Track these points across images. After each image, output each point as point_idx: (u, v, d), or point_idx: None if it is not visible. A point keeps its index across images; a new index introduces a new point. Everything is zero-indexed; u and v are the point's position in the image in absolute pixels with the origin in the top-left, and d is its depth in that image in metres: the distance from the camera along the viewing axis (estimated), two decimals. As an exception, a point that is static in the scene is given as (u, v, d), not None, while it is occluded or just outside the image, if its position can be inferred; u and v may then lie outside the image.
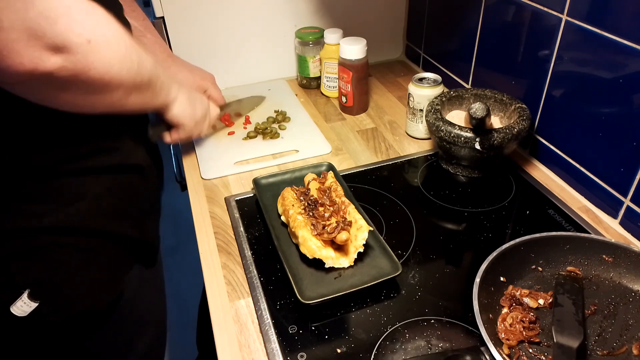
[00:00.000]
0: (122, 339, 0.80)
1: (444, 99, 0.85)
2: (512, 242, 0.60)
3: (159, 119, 0.74)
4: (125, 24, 0.63)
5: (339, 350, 0.54)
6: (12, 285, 0.59)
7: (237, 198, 0.78)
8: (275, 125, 0.96)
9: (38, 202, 0.58)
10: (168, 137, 0.77)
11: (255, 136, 0.93)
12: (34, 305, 0.60)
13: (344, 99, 1.00)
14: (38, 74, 0.44)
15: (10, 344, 0.69)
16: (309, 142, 0.92)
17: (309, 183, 0.73)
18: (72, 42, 0.45)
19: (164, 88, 0.66)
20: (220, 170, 0.85)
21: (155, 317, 0.88)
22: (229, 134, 0.94)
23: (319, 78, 1.10)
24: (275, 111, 1.01)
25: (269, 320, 0.58)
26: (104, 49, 0.48)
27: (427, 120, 0.81)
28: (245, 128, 0.96)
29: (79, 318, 0.67)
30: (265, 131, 0.93)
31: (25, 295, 0.60)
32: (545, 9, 0.74)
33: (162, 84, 0.64)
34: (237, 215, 0.75)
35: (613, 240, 0.61)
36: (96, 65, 0.48)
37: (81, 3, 0.46)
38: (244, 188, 0.81)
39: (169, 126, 0.75)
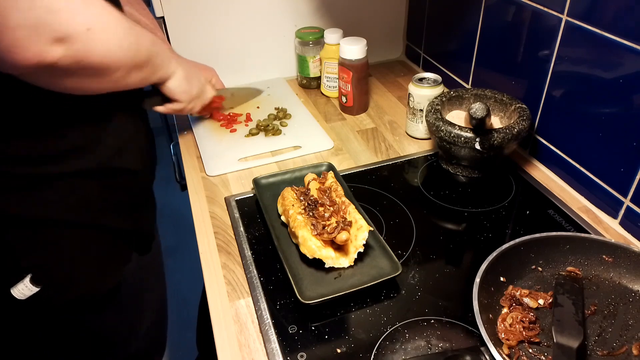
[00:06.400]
0: (125, 323, 0.82)
1: (444, 99, 0.85)
2: (512, 242, 0.60)
3: (155, 90, 0.75)
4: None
5: (339, 350, 0.54)
6: (15, 268, 0.62)
7: (237, 198, 0.78)
8: (277, 122, 0.96)
9: (34, 194, 0.60)
10: (161, 108, 0.78)
11: (257, 133, 0.94)
12: (34, 289, 0.62)
13: (344, 99, 1.00)
14: (43, 65, 0.47)
15: (12, 326, 0.70)
16: (311, 138, 0.92)
17: (309, 183, 0.73)
18: (73, 31, 0.47)
19: (164, 64, 0.68)
20: (224, 167, 0.85)
21: (156, 302, 0.90)
22: (231, 131, 0.95)
23: (319, 78, 1.10)
24: (276, 108, 1.01)
25: (269, 320, 0.58)
26: (103, 35, 0.51)
27: (427, 120, 0.81)
28: (247, 125, 0.96)
29: (80, 302, 0.70)
30: (267, 128, 0.94)
31: (27, 279, 0.62)
32: (545, 9, 0.74)
33: (161, 60, 0.67)
34: (237, 215, 0.75)
35: (613, 240, 0.61)
36: (96, 51, 0.51)
37: None
38: (244, 188, 0.81)
39: (164, 98, 0.76)
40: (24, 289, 0.61)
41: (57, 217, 0.61)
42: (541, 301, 0.57)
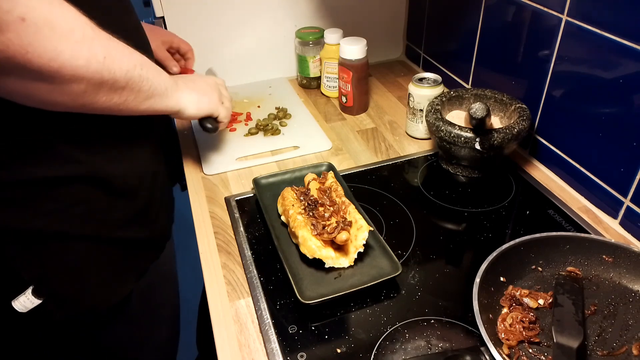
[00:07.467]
0: (137, 334, 0.80)
1: (444, 99, 0.85)
2: (512, 242, 0.60)
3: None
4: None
5: (339, 350, 0.54)
6: (17, 280, 0.59)
7: (237, 198, 0.78)
8: (277, 122, 0.97)
9: (36, 205, 0.57)
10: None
11: (257, 132, 0.94)
12: (36, 302, 0.60)
13: (344, 99, 1.00)
14: None
15: (16, 339, 0.69)
16: (310, 139, 0.92)
17: (309, 183, 0.73)
18: (1, 19, 0.41)
19: (156, 94, 0.60)
20: (222, 166, 0.86)
21: (169, 313, 0.88)
22: (231, 130, 0.95)
23: (319, 78, 1.10)
24: (276, 108, 1.01)
25: (269, 320, 0.58)
26: (46, 30, 0.44)
27: (427, 120, 0.81)
28: (246, 125, 0.97)
29: (86, 315, 0.67)
30: (267, 128, 0.94)
31: (29, 291, 0.60)
32: (545, 9, 0.74)
33: (150, 88, 0.59)
34: (237, 215, 0.75)
35: (613, 240, 0.61)
36: (36, 48, 0.44)
37: None
38: (244, 188, 0.81)
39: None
40: (25, 302, 0.60)
41: (59, 229, 0.59)
42: (541, 301, 0.57)
